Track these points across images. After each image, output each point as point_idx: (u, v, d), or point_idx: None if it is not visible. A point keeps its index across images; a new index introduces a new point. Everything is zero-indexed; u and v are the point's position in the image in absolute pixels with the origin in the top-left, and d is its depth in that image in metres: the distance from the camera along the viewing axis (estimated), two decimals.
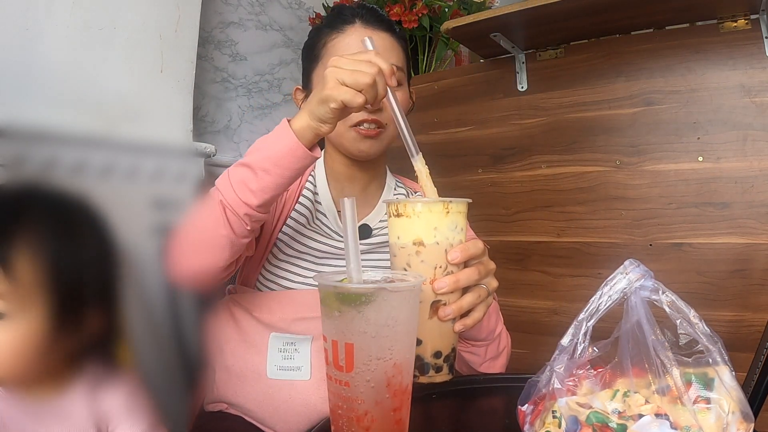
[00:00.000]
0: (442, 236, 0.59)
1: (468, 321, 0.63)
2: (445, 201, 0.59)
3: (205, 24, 1.46)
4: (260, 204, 0.65)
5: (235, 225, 0.66)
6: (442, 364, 0.61)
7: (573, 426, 0.47)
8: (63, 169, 0.96)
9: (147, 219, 1.03)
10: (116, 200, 1.03)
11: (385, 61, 0.62)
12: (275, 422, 0.74)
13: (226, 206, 0.65)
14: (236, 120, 1.64)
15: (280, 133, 0.66)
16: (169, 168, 1.15)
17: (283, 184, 0.66)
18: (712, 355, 0.46)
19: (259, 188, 0.65)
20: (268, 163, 0.64)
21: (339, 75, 0.60)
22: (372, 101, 0.62)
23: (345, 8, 0.87)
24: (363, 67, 0.61)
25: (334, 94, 0.60)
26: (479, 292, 0.63)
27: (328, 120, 0.63)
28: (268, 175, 0.64)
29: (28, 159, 0.92)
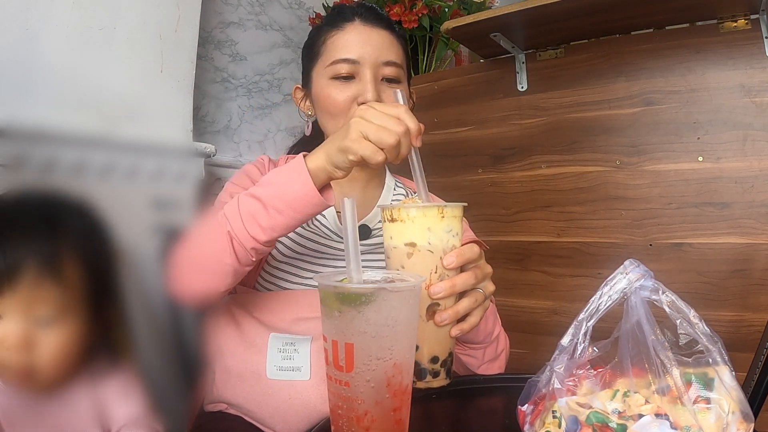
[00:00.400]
0: (437, 240, 0.59)
1: (464, 326, 0.62)
2: (439, 205, 0.59)
3: (205, 24, 1.46)
4: (268, 241, 0.65)
5: (241, 256, 0.66)
6: (440, 369, 0.61)
7: (573, 426, 0.47)
8: (63, 169, 0.96)
9: (147, 219, 1.03)
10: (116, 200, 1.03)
11: (413, 119, 0.61)
12: (275, 422, 0.74)
13: (234, 237, 0.65)
14: (236, 120, 1.64)
15: (295, 171, 0.64)
16: (169, 168, 1.15)
17: (293, 226, 0.65)
18: (712, 355, 0.46)
19: (269, 226, 0.64)
20: (282, 203, 0.63)
21: (364, 128, 0.59)
22: (393, 160, 0.61)
23: (345, 7, 0.87)
24: (390, 124, 0.59)
25: (354, 147, 0.59)
26: (476, 296, 0.63)
27: (344, 168, 0.62)
28: (279, 215, 0.63)
29: (28, 159, 0.92)
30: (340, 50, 0.83)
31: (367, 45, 0.82)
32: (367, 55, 0.82)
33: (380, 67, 0.83)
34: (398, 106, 0.62)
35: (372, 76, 0.82)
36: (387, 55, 0.83)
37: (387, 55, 0.83)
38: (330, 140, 0.64)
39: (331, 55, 0.83)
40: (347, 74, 0.82)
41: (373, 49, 0.82)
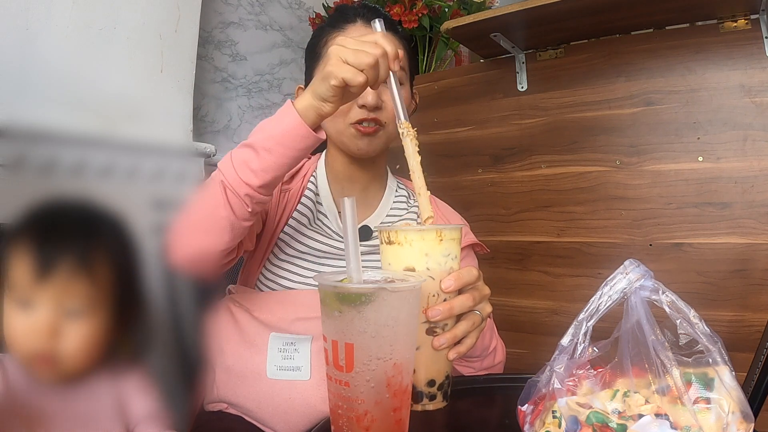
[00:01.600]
0: (435, 264, 0.58)
1: (461, 348, 0.61)
2: (438, 228, 0.58)
3: (205, 24, 1.46)
4: (261, 184, 0.65)
5: (236, 206, 0.65)
6: (436, 393, 0.60)
7: (573, 426, 0.47)
8: (63, 169, 0.96)
9: (147, 219, 1.03)
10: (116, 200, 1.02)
11: (390, 43, 0.62)
12: (275, 422, 0.74)
13: (227, 186, 0.65)
14: (236, 120, 1.64)
15: (283, 113, 0.65)
16: (169, 168, 1.15)
17: (286, 164, 0.65)
18: (712, 355, 0.46)
19: (260, 168, 0.64)
20: (271, 142, 0.64)
21: (342, 53, 0.60)
22: (373, 83, 0.62)
23: (348, 8, 0.87)
24: (367, 48, 0.61)
25: (335, 71, 0.60)
26: (473, 319, 0.62)
27: (329, 98, 0.63)
28: (270, 154, 0.64)
29: (28, 159, 0.92)
30: None
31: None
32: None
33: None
34: (374, 33, 0.64)
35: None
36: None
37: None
38: (314, 78, 0.65)
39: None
40: None
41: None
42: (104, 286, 0.58)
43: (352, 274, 0.51)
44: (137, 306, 0.63)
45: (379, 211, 0.90)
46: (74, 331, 0.56)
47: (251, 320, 0.79)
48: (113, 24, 1.12)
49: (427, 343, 0.59)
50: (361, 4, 0.88)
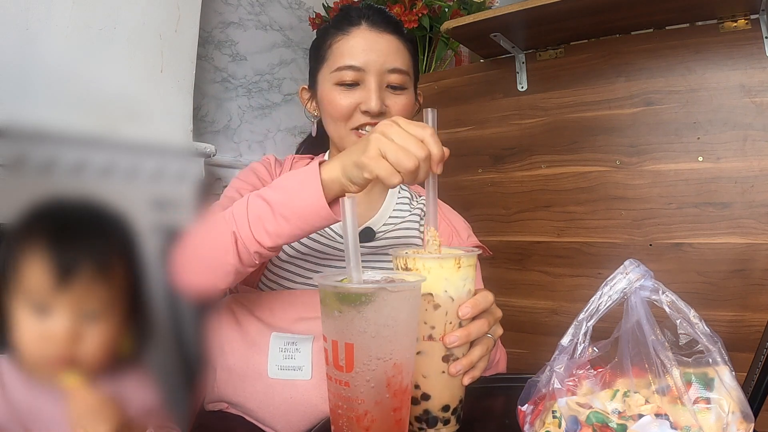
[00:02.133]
0: (453, 289, 0.57)
1: (476, 373, 0.61)
2: (456, 256, 0.57)
3: (205, 24, 1.46)
4: (273, 247, 0.64)
5: (244, 257, 0.65)
6: (450, 417, 0.59)
7: (573, 426, 0.47)
8: (63, 169, 0.96)
9: (147, 219, 1.03)
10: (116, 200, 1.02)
11: (438, 144, 0.57)
12: (276, 422, 0.74)
13: (238, 238, 0.64)
14: (236, 120, 1.64)
15: (308, 180, 0.62)
16: (169, 168, 1.15)
17: (298, 236, 0.64)
18: (712, 355, 0.46)
19: (275, 232, 0.63)
20: (289, 211, 0.62)
21: (384, 146, 0.56)
22: (408, 184, 0.59)
23: (352, 9, 0.86)
24: (411, 147, 0.56)
25: (371, 165, 0.57)
26: (487, 344, 0.62)
27: (358, 184, 0.61)
28: (287, 223, 0.62)
29: (28, 159, 0.92)
30: (345, 56, 0.82)
31: (372, 52, 0.81)
32: (372, 62, 0.80)
33: (385, 74, 0.82)
34: (424, 128, 0.58)
35: (376, 83, 0.80)
36: (393, 61, 0.82)
37: (393, 62, 0.82)
38: (348, 152, 0.62)
39: (337, 61, 0.82)
40: (352, 81, 0.81)
41: (379, 55, 0.81)
42: (119, 287, 0.58)
43: (352, 274, 0.51)
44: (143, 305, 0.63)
45: (382, 213, 0.89)
46: (93, 334, 0.56)
47: (252, 320, 0.79)
48: (113, 24, 1.12)
49: (442, 370, 0.58)
50: (365, 6, 0.87)
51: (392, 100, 0.82)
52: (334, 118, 0.83)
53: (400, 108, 0.83)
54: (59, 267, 0.54)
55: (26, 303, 0.54)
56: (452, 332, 0.57)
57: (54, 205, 0.59)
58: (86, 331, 0.56)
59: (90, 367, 0.57)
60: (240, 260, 0.65)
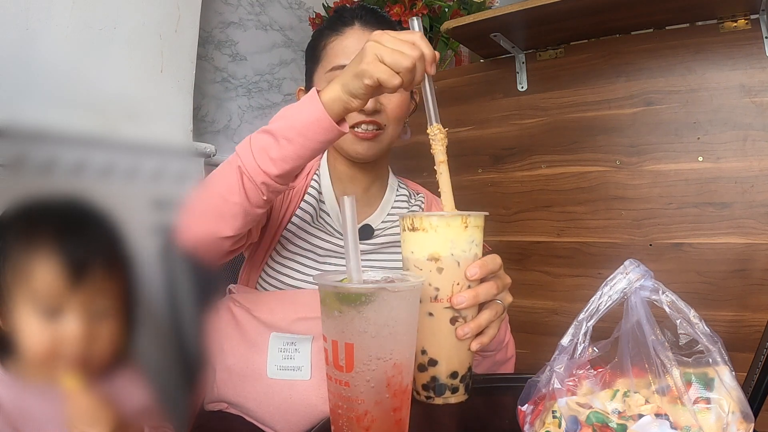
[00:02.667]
0: (459, 251, 0.57)
1: (484, 339, 0.61)
2: (463, 215, 0.57)
3: (205, 24, 1.46)
4: (279, 174, 0.63)
5: (251, 193, 0.64)
6: (458, 385, 0.59)
7: (573, 426, 0.47)
8: (63, 169, 0.96)
9: (147, 219, 1.03)
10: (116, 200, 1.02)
11: (428, 45, 0.60)
12: (275, 422, 0.74)
13: (244, 173, 0.63)
14: (236, 120, 1.64)
15: (307, 101, 0.62)
16: (169, 168, 1.15)
17: (305, 156, 0.63)
18: (712, 355, 0.46)
19: (279, 157, 0.62)
20: (292, 132, 0.62)
21: (379, 51, 0.58)
22: (407, 85, 0.60)
23: (345, 10, 0.87)
24: (405, 48, 0.58)
25: (370, 69, 0.58)
26: (496, 308, 0.62)
27: (359, 95, 0.61)
28: (290, 144, 0.62)
29: (28, 159, 0.92)
30: (338, 56, 0.82)
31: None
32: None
33: None
34: (413, 33, 0.60)
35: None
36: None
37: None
38: (344, 70, 0.62)
39: (331, 61, 0.83)
40: None
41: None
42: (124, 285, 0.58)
43: (352, 273, 0.51)
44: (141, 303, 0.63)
45: (381, 210, 0.90)
46: (104, 334, 0.56)
47: (252, 320, 0.79)
48: (113, 24, 1.12)
49: (450, 333, 0.58)
50: (359, 6, 0.87)
51: (387, 98, 0.83)
52: None
53: (395, 105, 0.83)
54: (70, 267, 0.53)
55: (35, 306, 0.53)
56: (459, 293, 0.57)
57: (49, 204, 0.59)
58: (98, 330, 0.56)
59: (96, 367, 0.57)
60: (246, 196, 0.64)
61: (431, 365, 0.58)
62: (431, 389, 0.58)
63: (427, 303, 0.57)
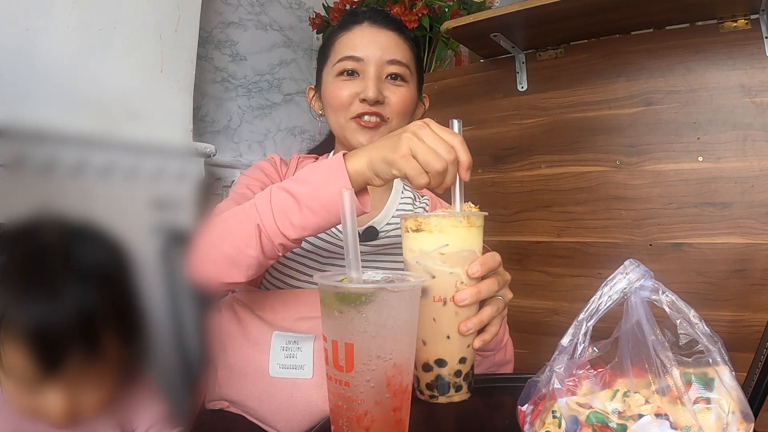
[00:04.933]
0: (462, 250, 0.57)
1: (486, 336, 0.61)
2: (466, 215, 0.57)
3: (205, 24, 1.46)
4: (298, 238, 0.64)
5: (267, 249, 0.65)
6: (462, 383, 0.59)
7: (573, 426, 0.47)
8: (63, 169, 0.96)
9: (147, 219, 1.03)
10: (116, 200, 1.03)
11: (467, 152, 0.58)
12: (276, 421, 0.74)
13: (263, 231, 0.63)
14: (236, 120, 1.64)
15: (334, 172, 0.61)
16: (169, 168, 1.15)
17: (324, 227, 0.63)
18: (712, 355, 0.46)
19: (300, 225, 0.62)
20: (316, 204, 0.61)
21: (414, 146, 0.57)
22: (435, 187, 0.58)
23: (357, 10, 0.89)
24: (442, 150, 0.57)
25: (401, 164, 0.57)
26: (497, 304, 0.62)
27: (384, 179, 0.61)
28: (313, 215, 0.62)
29: (28, 159, 0.92)
30: (346, 49, 0.85)
31: (372, 44, 0.84)
32: (372, 53, 0.83)
33: (384, 65, 0.84)
34: (455, 135, 0.59)
35: (375, 73, 0.83)
36: (392, 53, 0.84)
37: (392, 54, 0.84)
38: (375, 147, 0.61)
39: (338, 54, 0.85)
40: (351, 70, 0.84)
41: (378, 47, 0.84)
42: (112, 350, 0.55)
43: (352, 273, 0.51)
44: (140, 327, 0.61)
45: (386, 212, 0.90)
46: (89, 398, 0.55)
47: (254, 318, 0.79)
48: (113, 24, 1.12)
49: (454, 331, 0.58)
50: (371, 8, 0.90)
51: (391, 90, 0.84)
52: (334, 108, 0.85)
53: (399, 99, 0.84)
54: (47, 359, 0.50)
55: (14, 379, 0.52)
56: (462, 290, 0.57)
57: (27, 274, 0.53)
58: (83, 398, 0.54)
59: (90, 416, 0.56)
60: (263, 252, 0.65)
61: (436, 364, 0.58)
62: (435, 388, 0.59)
63: (431, 303, 0.58)
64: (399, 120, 0.86)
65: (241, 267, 0.66)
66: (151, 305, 0.82)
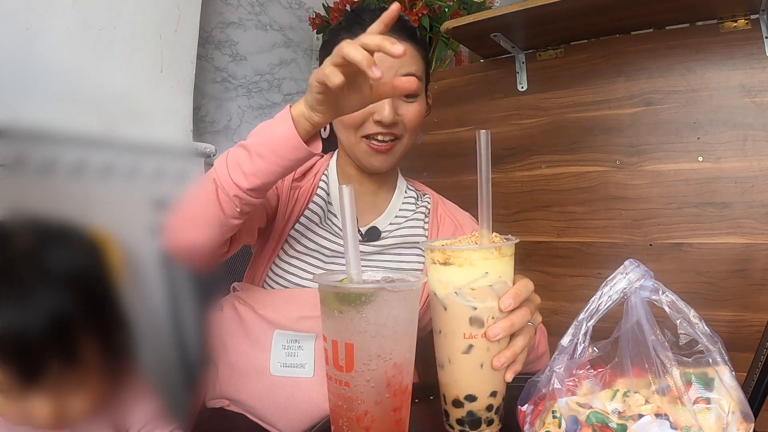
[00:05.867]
0: (494, 282, 0.55)
1: (517, 366, 0.58)
2: (496, 246, 0.55)
3: (205, 24, 1.46)
4: (251, 188, 0.65)
5: (225, 205, 0.66)
6: (494, 417, 0.57)
7: (573, 426, 0.47)
8: (63, 169, 0.96)
9: (147, 219, 1.03)
10: (116, 200, 1.03)
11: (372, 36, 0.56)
12: (277, 419, 0.74)
13: (219, 185, 0.65)
14: (236, 120, 1.64)
15: (280, 118, 0.65)
16: (169, 168, 1.15)
17: (277, 172, 0.65)
18: (712, 355, 0.46)
19: (251, 172, 0.64)
20: (264, 148, 0.64)
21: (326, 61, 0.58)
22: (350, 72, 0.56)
23: (365, 13, 0.84)
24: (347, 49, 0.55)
25: (314, 76, 0.59)
26: (529, 333, 0.60)
27: (317, 108, 0.62)
28: (262, 160, 0.64)
29: (28, 159, 0.92)
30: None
31: (386, 60, 0.78)
32: (386, 69, 0.78)
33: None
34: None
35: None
36: (406, 68, 0.80)
37: (406, 68, 0.80)
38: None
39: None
40: None
41: (392, 63, 0.79)
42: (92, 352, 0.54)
43: (351, 269, 0.51)
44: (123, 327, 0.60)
45: (388, 212, 0.89)
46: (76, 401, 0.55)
47: (255, 317, 0.79)
48: (113, 24, 1.12)
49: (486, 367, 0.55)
50: (379, 8, 0.85)
51: (405, 108, 0.81)
52: (345, 125, 0.82)
53: (413, 116, 0.82)
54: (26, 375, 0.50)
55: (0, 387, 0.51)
56: (494, 324, 0.55)
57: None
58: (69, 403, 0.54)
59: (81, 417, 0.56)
60: (221, 207, 0.65)
61: (468, 400, 0.56)
62: (466, 423, 0.56)
63: (460, 338, 0.55)
64: (411, 135, 0.84)
65: (204, 227, 0.67)
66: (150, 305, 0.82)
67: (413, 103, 0.82)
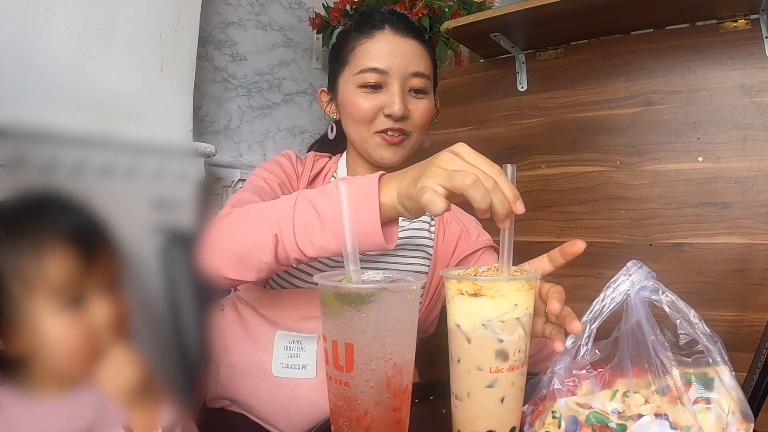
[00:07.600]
0: (524, 315, 0.53)
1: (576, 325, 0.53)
2: (527, 278, 0.53)
3: (205, 24, 1.46)
4: (314, 257, 0.62)
5: (282, 259, 0.63)
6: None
7: (573, 426, 0.47)
8: (63, 169, 0.96)
9: (147, 219, 1.03)
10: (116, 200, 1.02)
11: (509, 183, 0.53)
12: (278, 420, 0.74)
13: (280, 241, 0.62)
14: (236, 120, 1.64)
15: (365, 199, 0.57)
16: (169, 168, 1.15)
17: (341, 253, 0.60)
18: (712, 355, 0.46)
19: (320, 245, 0.60)
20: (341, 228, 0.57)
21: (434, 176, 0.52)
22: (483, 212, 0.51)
23: (375, 13, 0.86)
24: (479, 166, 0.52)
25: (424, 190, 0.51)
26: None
27: (415, 213, 0.56)
28: (334, 239, 0.59)
29: (28, 159, 0.92)
30: (368, 59, 0.82)
31: (396, 55, 0.81)
32: (396, 65, 0.81)
33: (408, 78, 0.82)
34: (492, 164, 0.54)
35: (400, 87, 0.81)
36: (416, 66, 0.82)
37: (416, 66, 0.82)
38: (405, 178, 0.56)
39: (360, 64, 0.82)
40: (375, 83, 0.82)
41: (403, 59, 0.81)
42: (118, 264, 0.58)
43: (350, 266, 0.51)
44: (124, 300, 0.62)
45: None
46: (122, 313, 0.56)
47: (257, 318, 0.79)
48: (113, 24, 1.12)
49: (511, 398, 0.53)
50: (390, 10, 0.87)
51: (414, 104, 0.83)
52: (356, 121, 0.83)
53: (422, 113, 0.84)
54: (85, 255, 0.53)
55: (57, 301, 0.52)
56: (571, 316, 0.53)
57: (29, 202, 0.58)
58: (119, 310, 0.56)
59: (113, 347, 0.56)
60: (276, 261, 0.63)
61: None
62: None
63: (486, 372, 0.52)
64: (419, 133, 0.85)
65: (252, 269, 0.65)
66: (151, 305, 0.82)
67: (422, 99, 0.84)
